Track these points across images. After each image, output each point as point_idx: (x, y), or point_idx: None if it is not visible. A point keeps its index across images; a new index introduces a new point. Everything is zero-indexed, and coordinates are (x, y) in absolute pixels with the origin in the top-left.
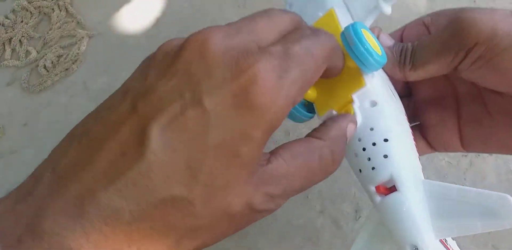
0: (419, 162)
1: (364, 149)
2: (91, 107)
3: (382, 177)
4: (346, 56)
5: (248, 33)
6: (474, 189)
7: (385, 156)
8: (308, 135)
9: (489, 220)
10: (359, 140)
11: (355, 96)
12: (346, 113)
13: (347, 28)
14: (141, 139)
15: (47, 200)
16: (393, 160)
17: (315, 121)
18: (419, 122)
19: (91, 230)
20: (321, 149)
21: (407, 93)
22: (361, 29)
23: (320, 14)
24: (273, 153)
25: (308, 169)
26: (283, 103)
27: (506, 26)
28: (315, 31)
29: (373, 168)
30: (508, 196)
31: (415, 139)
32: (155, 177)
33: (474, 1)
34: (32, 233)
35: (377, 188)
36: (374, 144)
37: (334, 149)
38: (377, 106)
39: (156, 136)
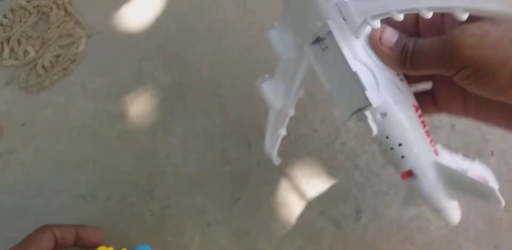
0: (429, 145)
1: (386, 151)
2: (90, 107)
3: (403, 169)
4: None
5: None
6: (473, 178)
7: (402, 157)
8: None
9: (482, 200)
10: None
11: (367, 112)
12: None
13: None
14: None
15: None
16: (409, 158)
17: (315, 122)
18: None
19: None
20: None
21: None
22: None
23: (318, 24)
24: None
25: None
26: None
27: (494, 53)
28: None
29: (395, 163)
30: (494, 188)
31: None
32: None
33: None
34: None
35: (403, 175)
36: (392, 149)
37: None
38: (387, 117)
39: None
